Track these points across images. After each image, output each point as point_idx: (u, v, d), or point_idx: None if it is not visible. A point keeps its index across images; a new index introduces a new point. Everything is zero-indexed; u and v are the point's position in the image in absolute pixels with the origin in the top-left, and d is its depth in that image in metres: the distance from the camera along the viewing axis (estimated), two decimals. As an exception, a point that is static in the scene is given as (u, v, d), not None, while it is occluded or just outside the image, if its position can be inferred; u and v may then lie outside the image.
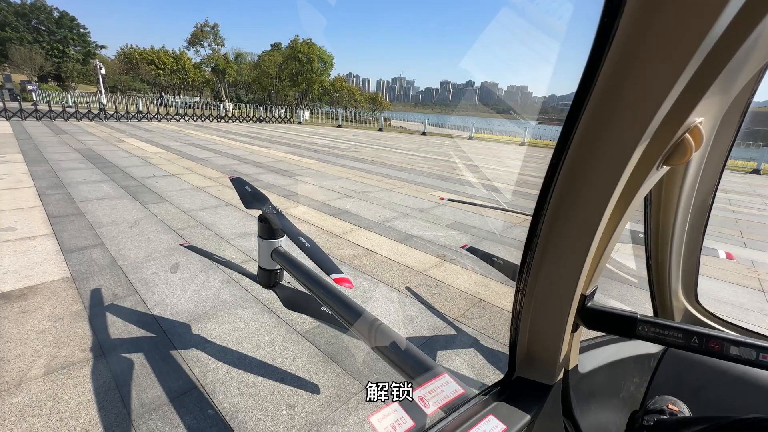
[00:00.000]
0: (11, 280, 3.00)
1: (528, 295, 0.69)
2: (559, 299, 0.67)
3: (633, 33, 0.43)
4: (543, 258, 0.66)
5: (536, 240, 0.64)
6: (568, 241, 0.62)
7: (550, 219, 0.62)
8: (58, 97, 28.31)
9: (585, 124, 0.52)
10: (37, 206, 4.94)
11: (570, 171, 0.57)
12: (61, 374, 2.04)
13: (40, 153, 9.03)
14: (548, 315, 0.70)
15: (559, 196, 0.59)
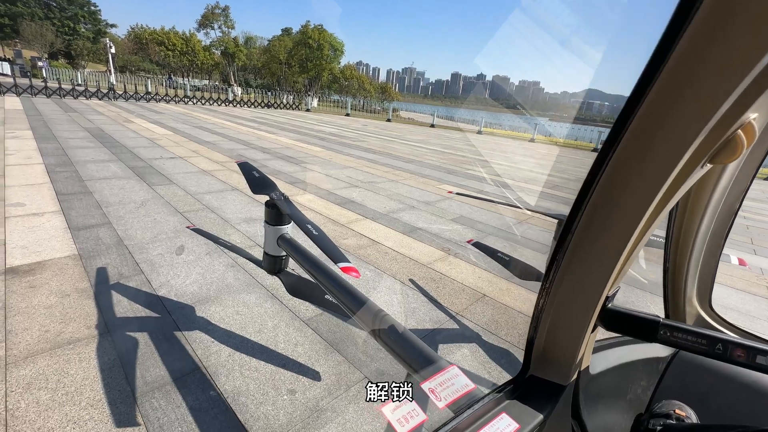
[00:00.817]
0: (19, 255, 3.03)
1: (552, 295, 0.67)
2: (583, 300, 0.66)
3: (703, 35, 0.40)
4: (572, 259, 0.64)
5: (569, 241, 0.62)
6: (602, 243, 0.61)
7: (586, 221, 0.60)
8: (68, 74, 28.34)
9: (635, 128, 0.50)
10: (46, 183, 4.97)
11: (613, 174, 0.55)
12: (67, 350, 2.07)
13: (49, 130, 9.07)
14: (570, 315, 0.68)
15: (599, 198, 0.57)
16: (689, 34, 0.41)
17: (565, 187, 9.19)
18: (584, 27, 35.92)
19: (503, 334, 2.67)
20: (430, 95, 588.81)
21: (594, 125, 29.13)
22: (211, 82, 51.09)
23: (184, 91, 27.65)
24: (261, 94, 31.33)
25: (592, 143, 22.23)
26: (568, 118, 65.86)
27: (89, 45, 50.81)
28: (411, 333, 1.35)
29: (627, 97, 0.50)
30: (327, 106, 35.90)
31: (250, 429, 1.71)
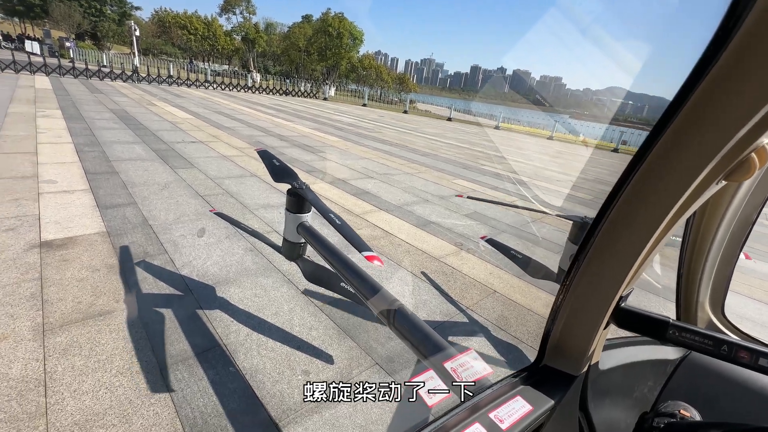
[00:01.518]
0: (53, 230, 3.20)
1: (572, 290, 0.72)
2: (600, 297, 0.70)
3: (729, 68, 0.46)
4: (593, 258, 0.68)
5: (593, 240, 0.66)
6: (621, 245, 0.65)
7: (612, 222, 0.64)
8: (94, 56, 28.99)
9: (661, 145, 0.55)
10: (75, 162, 5.18)
11: (642, 180, 0.59)
12: (98, 321, 2.21)
13: (77, 110, 9.36)
14: (586, 311, 0.73)
15: (626, 201, 0.61)
16: (717, 68, 0.46)
17: (583, 188, 9.05)
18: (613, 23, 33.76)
19: (512, 330, 2.71)
20: (448, 87, 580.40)
21: (616, 125, 28.37)
22: (230, 67, 51.52)
23: (204, 75, 28.00)
24: (279, 81, 31.47)
25: (613, 143, 21.68)
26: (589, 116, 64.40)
27: (114, 27, 51.71)
28: (423, 321, 1.41)
29: (652, 99, 0.54)
30: (344, 96, 35.85)
31: (267, 405, 1.81)
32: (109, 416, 1.63)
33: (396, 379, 2.09)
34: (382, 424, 1.79)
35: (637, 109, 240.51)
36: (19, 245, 2.90)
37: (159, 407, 1.71)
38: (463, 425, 0.63)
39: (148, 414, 1.67)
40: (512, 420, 0.66)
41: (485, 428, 0.63)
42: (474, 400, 0.68)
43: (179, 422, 1.66)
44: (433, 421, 0.63)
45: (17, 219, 3.32)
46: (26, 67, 17.17)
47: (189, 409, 1.73)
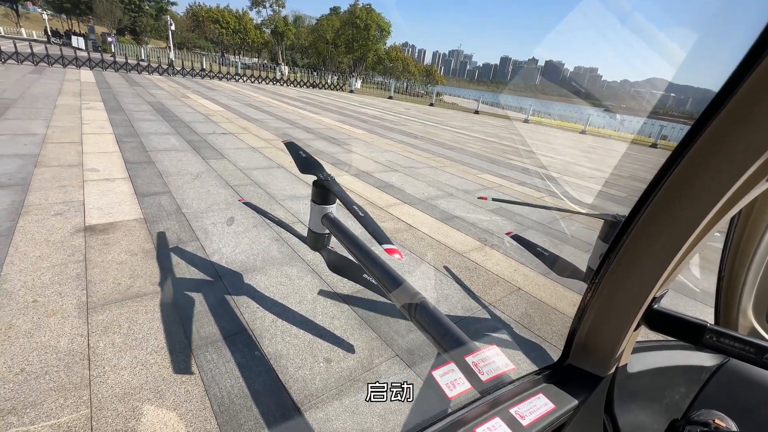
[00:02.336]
0: (96, 215, 3.41)
1: (601, 288, 0.70)
2: (631, 298, 0.68)
3: None
4: (625, 256, 0.66)
5: (625, 238, 0.64)
6: (657, 244, 0.62)
7: (647, 220, 0.62)
8: (133, 50, 30.35)
9: (711, 133, 0.52)
10: (116, 152, 5.48)
11: (682, 176, 0.56)
12: (136, 302, 2.34)
13: (117, 102, 9.86)
14: (615, 310, 0.70)
15: (664, 198, 0.59)
16: None
17: (616, 185, 8.65)
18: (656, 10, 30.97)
19: (536, 328, 2.65)
20: (476, 79, 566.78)
21: (656, 118, 26.78)
22: (260, 60, 52.54)
23: (235, 68, 28.71)
24: (307, 74, 31.81)
25: (651, 137, 20.52)
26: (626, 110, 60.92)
27: (152, 22, 53.85)
28: (444, 315, 1.41)
29: (696, 92, 0.51)
30: (370, 88, 35.78)
31: (290, 389, 1.87)
32: (144, 391, 1.74)
33: (416, 371, 2.10)
34: (401, 414, 1.81)
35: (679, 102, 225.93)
36: (66, 229, 3.12)
37: (190, 385, 1.81)
38: (483, 419, 0.63)
39: (179, 391, 1.77)
40: (534, 417, 0.65)
41: (505, 423, 0.63)
42: (495, 394, 0.67)
43: (208, 400, 1.74)
44: (453, 413, 0.63)
45: (64, 204, 3.56)
46: (72, 62, 18.22)
47: (217, 388, 1.81)
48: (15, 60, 16.49)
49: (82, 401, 1.65)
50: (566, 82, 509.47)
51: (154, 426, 1.59)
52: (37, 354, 1.87)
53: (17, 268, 2.51)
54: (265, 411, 1.73)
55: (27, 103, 8.27)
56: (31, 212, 3.32)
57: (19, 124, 6.35)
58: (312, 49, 50.54)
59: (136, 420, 1.61)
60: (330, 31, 47.25)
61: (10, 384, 1.69)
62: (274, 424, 1.68)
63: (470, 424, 0.61)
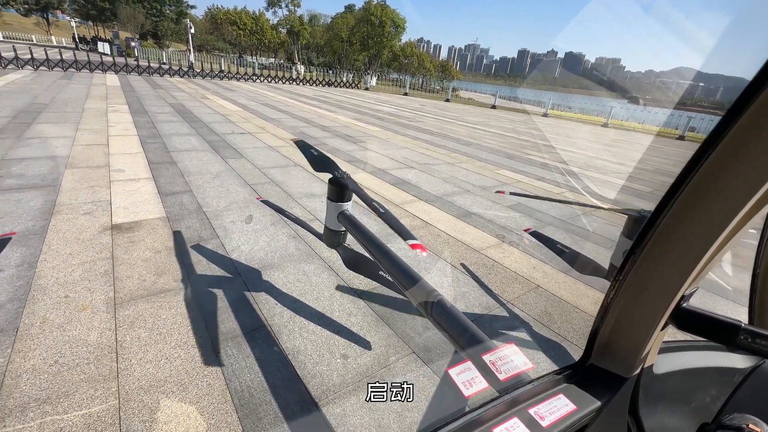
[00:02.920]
0: (122, 214, 3.54)
1: (625, 287, 0.67)
2: (657, 295, 0.65)
3: None
4: (651, 252, 0.63)
5: (651, 234, 0.61)
6: (686, 240, 0.59)
7: (675, 215, 0.59)
8: (155, 54, 31.25)
9: (744, 123, 0.49)
10: (140, 152, 5.66)
11: (713, 168, 0.53)
12: (160, 297, 2.42)
13: (141, 105, 10.19)
14: (641, 309, 0.68)
15: (693, 192, 0.56)
16: None
17: (640, 179, 8.35)
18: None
19: (555, 327, 2.59)
20: (493, 74, 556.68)
21: (683, 109, 25.65)
22: (276, 60, 53.22)
23: (252, 69, 29.17)
24: (322, 73, 32.03)
25: (678, 130, 19.68)
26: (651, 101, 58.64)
27: (173, 26, 55.34)
28: (461, 313, 1.39)
29: (728, 80, 0.48)
30: (385, 85, 35.69)
31: (308, 384, 1.89)
32: (169, 384, 1.80)
33: (433, 368, 2.09)
34: (418, 411, 1.81)
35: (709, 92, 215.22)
36: (95, 227, 3.25)
37: (211, 379, 1.86)
38: (501, 418, 0.61)
39: (201, 384, 1.82)
40: (554, 418, 0.64)
41: (524, 423, 0.61)
42: (513, 394, 0.66)
43: (229, 394, 1.79)
44: (470, 412, 0.62)
45: (93, 204, 3.71)
46: (99, 67, 18.93)
47: (238, 382, 1.86)
48: (46, 66, 17.26)
49: (110, 393, 1.72)
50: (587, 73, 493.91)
51: (178, 418, 1.64)
52: (69, 347, 1.96)
53: (50, 265, 2.64)
54: (283, 405, 1.76)
55: (57, 107, 8.65)
56: (62, 212, 3.47)
57: (51, 128, 6.65)
58: (327, 47, 50.83)
59: (161, 412, 1.66)
60: (345, 28, 47.37)
61: (45, 375, 1.78)
62: (293, 419, 1.71)
63: (487, 424, 0.60)
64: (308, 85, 27.27)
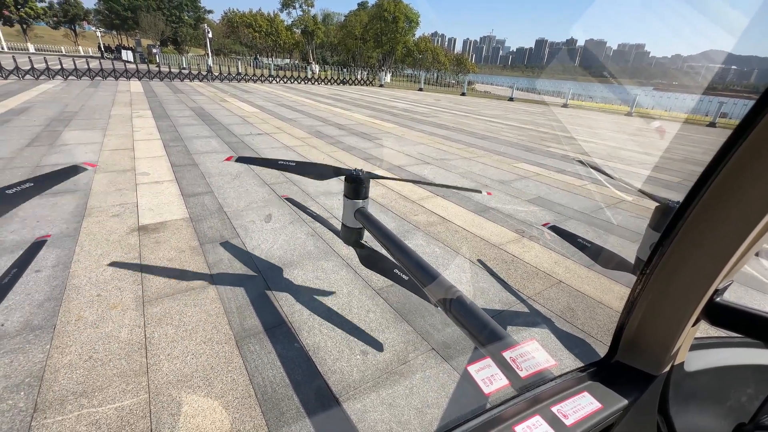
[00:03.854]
0: (148, 216, 3.67)
1: (653, 281, 0.64)
2: (688, 290, 0.62)
3: None
4: (681, 244, 0.60)
5: (680, 225, 0.59)
6: (719, 231, 0.56)
7: (706, 205, 0.56)
8: (176, 59, 32.14)
9: None
10: (163, 156, 5.85)
11: (748, 154, 0.50)
12: (185, 295, 2.50)
13: (163, 110, 10.51)
14: (670, 304, 0.65)
15: (726, 180, 0.53)
16: None
17: (668, 169, 8.00)
18: None
19: (579, 323, 2.53)
20: (509, 65, 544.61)
21: (714, 95, 24.39)
22: (291, 60, 53.81)
23: (268, 70, 29.59)
24: (337, 71, 32.16)
25: (709, 116, 18.73)
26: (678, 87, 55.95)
27: (191, 31, 56.79)
28: (481, 309, 1.38)
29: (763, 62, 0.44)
30: (400, 81, 35.52)
31: (328, 380, 1.92)
32: (195, 379, 1.86)
33: (453, 364, 2.08)
34: (438, 408, 1.81)
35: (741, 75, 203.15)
36: (123, 229, 3.38)
37: (235, 374, 1.91)
38: (523, 416, 0.60)
39: (226, 380, 1.87)
40: (578, 416, 0.62)
41: (547, 422, 0.60)
42: (535, 391, 0.64)
43: (252, 389, 1.83)
44: (490, 409, 0.62)
45: (121, 206, 3.86)
46: (123, 74, 19.63)
47: (260, 378, 1.90)
48: (75, 76, 18.04)
49: (141, 387, 1.80)
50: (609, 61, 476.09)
51: (204, 412, 1.70)
52: (102, 343, 2.05)
53: (83, 266, 2.77)
54: (305, 400, 1.79)
55: (86, 114, 9.03)
56: (92, 214, 3.63)
57: (81, 134, 6.95)
58: (341, 45, 50.97)
59: (188, 405, 1.72)
60: (358, 26, 47.35)
61: (80, 370, 1.87)
62: (314, 414, 1.74)
63: (509, 422, 0.59)
64: (323, 84, 27.44)
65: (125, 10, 51.59)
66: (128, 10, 51.60)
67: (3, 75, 15.68)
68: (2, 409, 1.64)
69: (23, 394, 1.72)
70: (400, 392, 1.88)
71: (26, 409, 1.66)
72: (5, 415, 1.62)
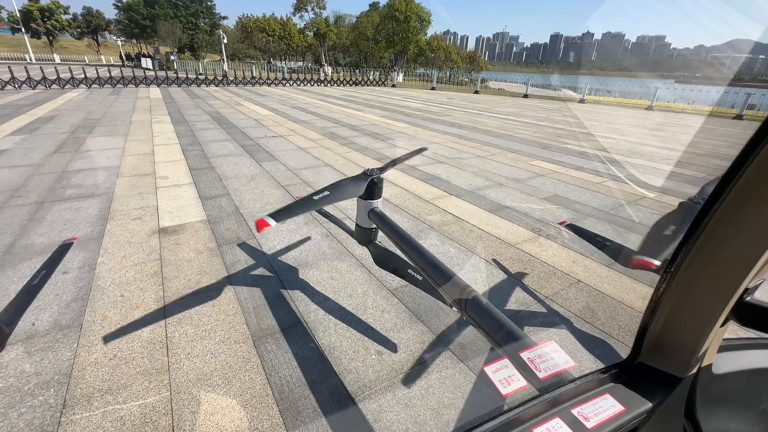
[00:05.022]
0: (168, 218, 3.77)
1: (678, 280, 0.62)
2: (716, 289, 0.59)
3: None
4: (708, 242, 0.58)
5: (707, 221, 0.56)
6: (750, 226, 0.54)
7: (734, 200, 0.53)
8: (193, 65, 32.92)
9: None
10: (182, 160, 6.00)
11: None
12: (204, 295, 2.56)
13: (181, 115, 10.78)
14: (697, 304, 0.62)
15: (756, 173, 0.51)
16: None
17: (692, 164, 7.72)
18: None
19: (599, 323, 2.46)
20: (524, 62, 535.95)
21: (741, 86, 23.38)
22: (304, 63, 54.39)
23: (282, 73, 29.99)
24: (349, 73, 32.33)
25: (735, 108, 17.98)
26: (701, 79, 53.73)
27: (207, 37, 58.05)
28: (497, 309, 1.36)
29: None
30: (412, 81, 35.42)
31: (344, 380, 1.93)
32: (214, 377, 1.90)
33: (468, 365, 2.06)
34: (454, 409, 1.79)
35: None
36: (144, 231, 3.48)
37: (253, 373, 1.94)
38: (542, 418, 0.59)
39: (244, 378, 1.91)
40: (600, 419, 0.60)
41: (567, 425, 0.59)
42: (554, 393, 0.63)
43: (269, 388, 1.86)
44: (508, 411, 0.60)
45: (142, 209, 3.98)
46: (143, 81, 20.25)
47: (277, 377, 1.92)
48: (98, 84, 18.70)
49: (162, 385, 1.85)
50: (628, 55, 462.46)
51: (223, 410, 1.73)
52: (126, 342, 2.11)
53: (107, 267, 2.86)
54: (321, 400, 1.81)
55: (108, 121, 9.35)
56: (115, 218, 3.76)
57: (104, 140, 7.20)
58: (353, 47, 51.20)
59: (208, 403, 1.76)
60: (370, 27, 47.47)
61: (105, 368, 1.93)
62: (330, 413, 1.75)
63: (527, 424, 0.58)
64: (336, 85, 27.62)
65: (144, 19, 53.17)
66: (147, 19, 53.17)
67: (32, 85, 16.38)
68: (34, 405, 1.72)
69: (53, 390, 1.80)
70: (416, 392, 1.87)
71: (56, 404, 1.72)
72: (37, 410, 1.69)
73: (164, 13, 54.15)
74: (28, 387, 1.81)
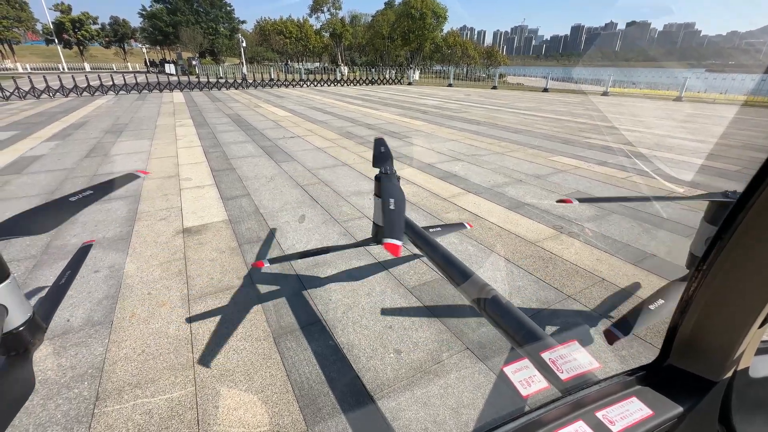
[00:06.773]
0: (191, 219, 3.89)
1: (711, 278, 0.59)
2: (752, 288, 0.56)
3: None
4: (743, 238, 0.55)
5: (742, 217, 0.53)
6: None
7: None
8: (214, 70, 33.81)
9: None
10: (204, 162, 6.17)
11: None
12: (226, 293, 2.62)
13: (203, 118, 11.08)
14: (732, 304, 0.59)
15: None
16: None
17: (725, 156, 7.34)
18: None
19: (626, 323, 2.37)
20: (543, 55, 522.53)
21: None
22: (321, 63, 54.88)
23: (299, 75, 30.37)
24: (365, 72, 32.41)
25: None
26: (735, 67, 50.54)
27: (227, 42, 59.42)
28: (517, 309, 1.33)
29: None
30: (429, 78, 35.17)
31: (363, 378, 1.94)
32: (236, 374, 1.95)
33: (488, 365, 2.03)
34: (474, 409, 1.77)
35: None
36: (169, 232, 3.60)
37: (273, 370, 1.98)
38: (565, 420, 0.57)
39: (265, 375, 1.94)
40: (626, 423, 0.58)
41: (591, 427, 0.57)
42: (577, 395, 0.61)
43: (290, 384, 1.89)
44: (530, 412, 0.59)
45: (167, 210, 4.11)
46: (166, 86, 20.93)
47: (297, 374, 1.95)
48: (125, 90, 19.46)
49: (188, 380, 1.91)
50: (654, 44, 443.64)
51: (246, 405, 1.77)
52: (153, 338, 2.19)
53: (135, 266, 2.98)
54: (340, 397, 1.82)
55: (135, 125, 9.72)
56: (142, 218, 3.90)
57: (131, 144, 7.49)
58: (369, 46, 51.31)
59: (231, 399, 1.80)
60: (386, 25, 47.42)
61: (134, 363, 2.01)
62: (350, 410, 1.76)
63: (549, 426, 0.56)
64: (352, 85, 27.74)
65: (167, 26, 54.93)
66: (170, 26, 54.90)
67: (64, 93, 17.22)
68: (69, 397, 1.81)
69: (87, 383, 1.88)
70: (435, 391, 1.86)
71: (89, 397, 1.81)
72: (72, 402, 1.78)
73: (186, 20, 55.76)
74: (65, 380, 1.90)
